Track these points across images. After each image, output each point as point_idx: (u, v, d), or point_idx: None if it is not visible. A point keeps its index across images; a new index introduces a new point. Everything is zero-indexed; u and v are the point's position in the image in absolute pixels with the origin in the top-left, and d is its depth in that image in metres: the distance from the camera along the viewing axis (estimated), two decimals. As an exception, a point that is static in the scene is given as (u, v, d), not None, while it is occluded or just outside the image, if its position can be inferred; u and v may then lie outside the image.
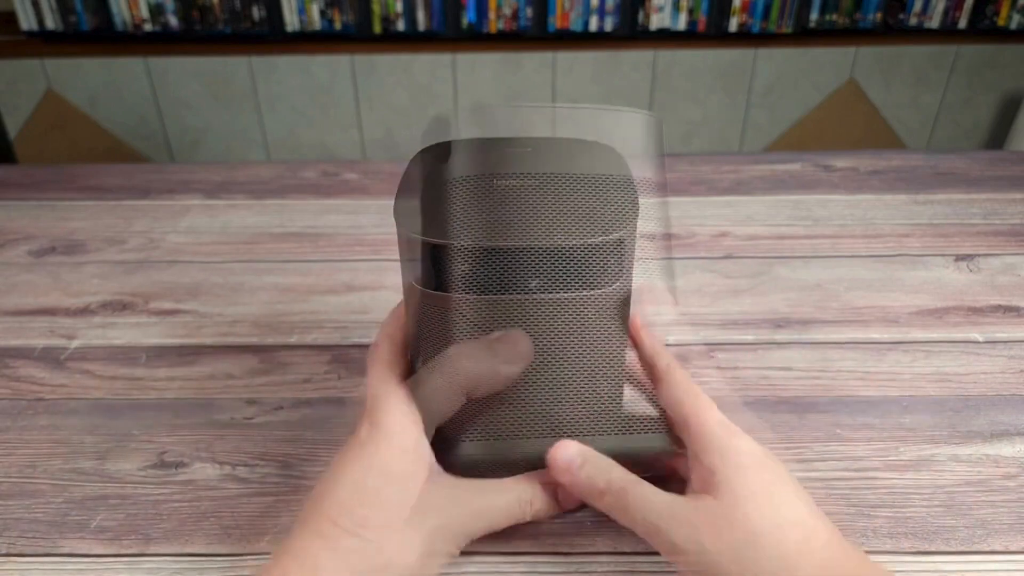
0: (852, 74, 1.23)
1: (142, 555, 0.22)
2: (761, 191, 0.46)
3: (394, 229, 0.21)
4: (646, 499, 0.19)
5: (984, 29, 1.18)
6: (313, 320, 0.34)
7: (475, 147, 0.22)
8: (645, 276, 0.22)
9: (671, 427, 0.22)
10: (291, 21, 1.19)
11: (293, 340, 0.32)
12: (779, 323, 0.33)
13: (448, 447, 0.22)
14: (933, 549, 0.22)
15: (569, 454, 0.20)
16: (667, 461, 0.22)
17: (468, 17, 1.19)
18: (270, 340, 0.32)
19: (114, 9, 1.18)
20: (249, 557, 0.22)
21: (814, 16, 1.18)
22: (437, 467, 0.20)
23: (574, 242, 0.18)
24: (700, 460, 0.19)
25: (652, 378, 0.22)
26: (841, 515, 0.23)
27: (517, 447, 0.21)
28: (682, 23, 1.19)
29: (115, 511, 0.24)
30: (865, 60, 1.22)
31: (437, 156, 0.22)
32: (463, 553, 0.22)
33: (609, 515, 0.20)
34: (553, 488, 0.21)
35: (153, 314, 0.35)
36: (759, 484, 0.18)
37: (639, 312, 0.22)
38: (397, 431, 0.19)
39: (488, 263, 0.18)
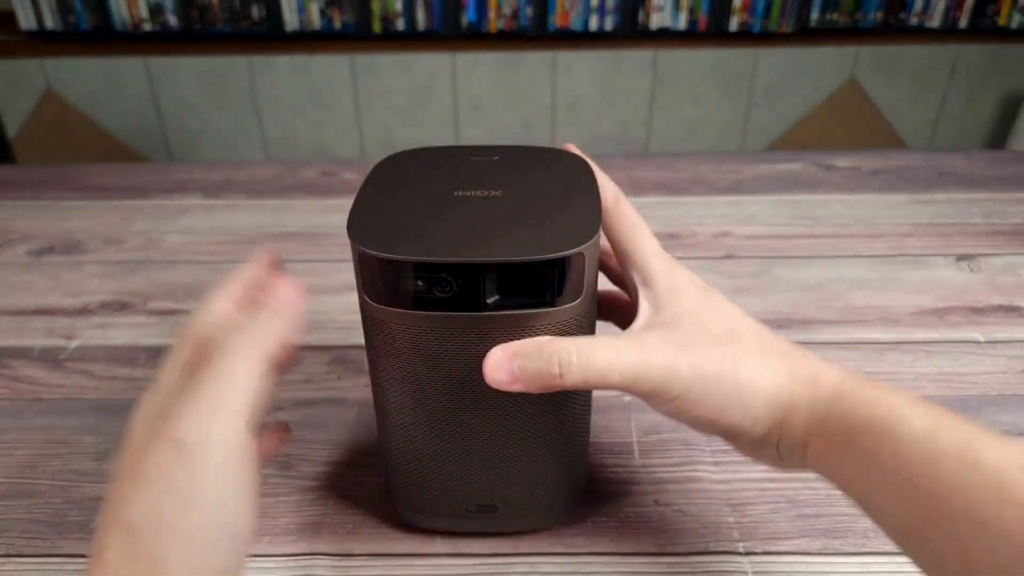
0: (853, 74, 1.23)
1: (141, 556, 0.22)
2: (762, 191, 0.46)
3: None
4: (612, 359, 0.17)
5: (985, 29, 1.18)
6: (313, 320, 0.34)
7: (436, 156, 0.22)
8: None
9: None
10: (290, 21, 1.19)
11: (293, 340, 0.32)
12: (780, 323, 0.33)
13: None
14: (934, 550, 0.22)
15: (500, 359, 0.17)
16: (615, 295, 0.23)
17: (468, 16, 1.18)
18: (270, 340, 0.32)
19: (113, 9, 1.17)
20: (249, 558, 0.22)
21: (815, 15, 1.18)
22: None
23: (533, 256, 0.17)
24: (642, 288, 0.20)
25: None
26: (842, 515, 0.23)
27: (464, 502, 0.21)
28: (682, 22, 1.19)
29: (114, 512, 0.24)
30: (866, 60, 1.22)
31: (397, 166, 0.21)
32: (461, 554, 0.22)
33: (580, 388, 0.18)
34: None
35: (152, 314, 0.34)
36: (695, 300, 0.19)
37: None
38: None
39: (442, 278, 0.17)
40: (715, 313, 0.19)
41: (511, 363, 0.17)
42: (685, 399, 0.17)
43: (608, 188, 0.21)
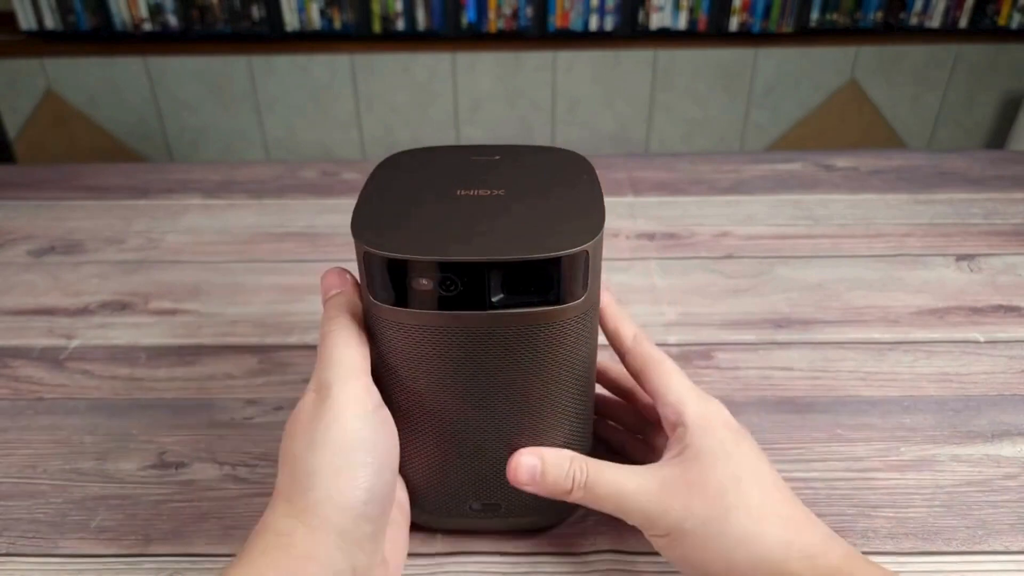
0: (853, 74, 1.23)
1: (142, 555, 0.22)
2: (762, 191, 0.46)
3: None
4: (614, 483, 0.19)
5: (985, 29, 1.18)
6: (313, 320, 0.34)
7: (437, 156, 0.22)
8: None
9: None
10: (290, 21, 1.19)
11: (293, 340, 0.32)
12: (780, 323, 0.33)
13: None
14: (934, 549, 0.22)
15: (529, 464, 0.20)
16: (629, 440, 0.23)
17: (468, 16, 1.18)
18: (270, 340, 0.32)
19: (113, 9, 1.17)
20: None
21: (815, 16, 1.18)
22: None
23: (538, 255, 0.17)
24: (676, 427, 0.20)
25: (618, 350, 0.22)
26: (842, 515, 0.23)
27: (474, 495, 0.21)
28: (682, 22, 1.19)
29: (115, 511, 0.24)
30: (866, 60, 1.22)
31: (399, 166, 0.21)
32: (462, 553, 0.22)
33: (583, 505, 0.20)
34: None
35: (153, 314, 0.34)
36: (720, 442, 0.19)
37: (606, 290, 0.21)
38: (351, 399, 0.18)
39: (447, 277, 0.17)
40: (735, 461, 0.19)
41: (536, 467, 0.19)
42: (672, 538, 0.18)
43: (628, 326, 0.22)
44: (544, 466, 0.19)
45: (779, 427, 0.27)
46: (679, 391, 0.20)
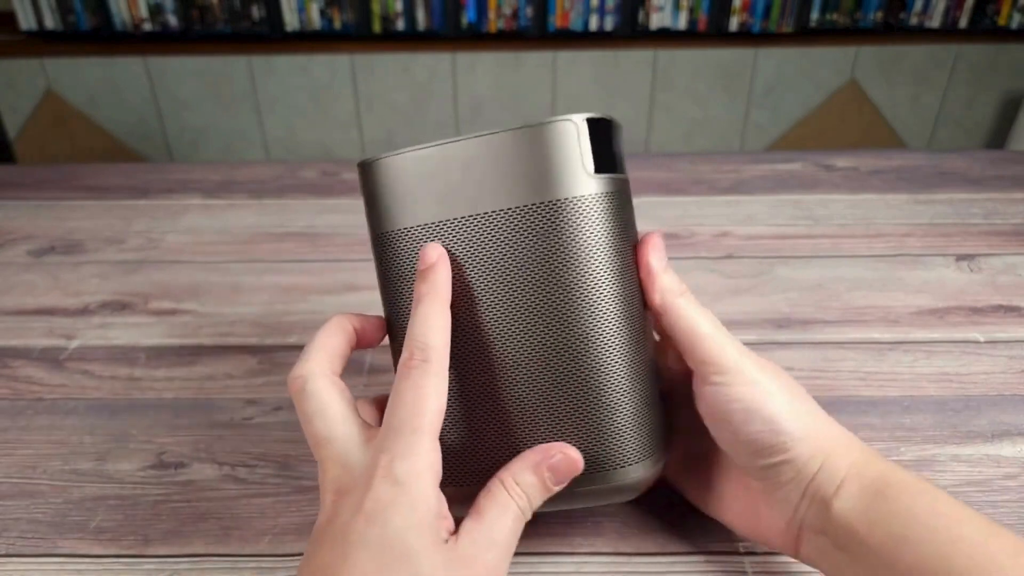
0: (853, 74, 1.23)
1: (141, 556, 0.22)
2: (762, 191, 0.46)
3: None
4: (683, 307, 0.19)
5: (985, 29, 1.18)
6: (313, 320, 0.34)
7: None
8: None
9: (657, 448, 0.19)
10: (290, 21, 1.19)
11: (293, 340, 0.32)
12: (780, 323, 0.33)
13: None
14: (934, 550, 0.22)
15: (658, 259, 0.19)
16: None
17: (468, 16, 1.18)
18: (270, 340, 0.32)
19: (113, 9, 1.17)
20: (249, 558, 0.22)
21: (815, 16, 1.18)
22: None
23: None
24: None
25: (654, 308, 0.19)
26: (842, 515, 0.23)
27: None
28: (682, 22, 1.19)
29: (114, 511, 0.24)
30: (866, 60, 1.22)
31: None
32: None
33: (669, 322, 0.19)
34: (540, 471, 0.18)
35: (152, 314, 0.34)
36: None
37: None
38: (421, 489, 0.16)
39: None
40: (793, 387, 0.20)
41: (663, 261, 0.19)
42: (756, 385, 0.18)
43: (656, 280, 0.19)
44: (650, 269, 0.19)
45: (779, 427, 0.27)
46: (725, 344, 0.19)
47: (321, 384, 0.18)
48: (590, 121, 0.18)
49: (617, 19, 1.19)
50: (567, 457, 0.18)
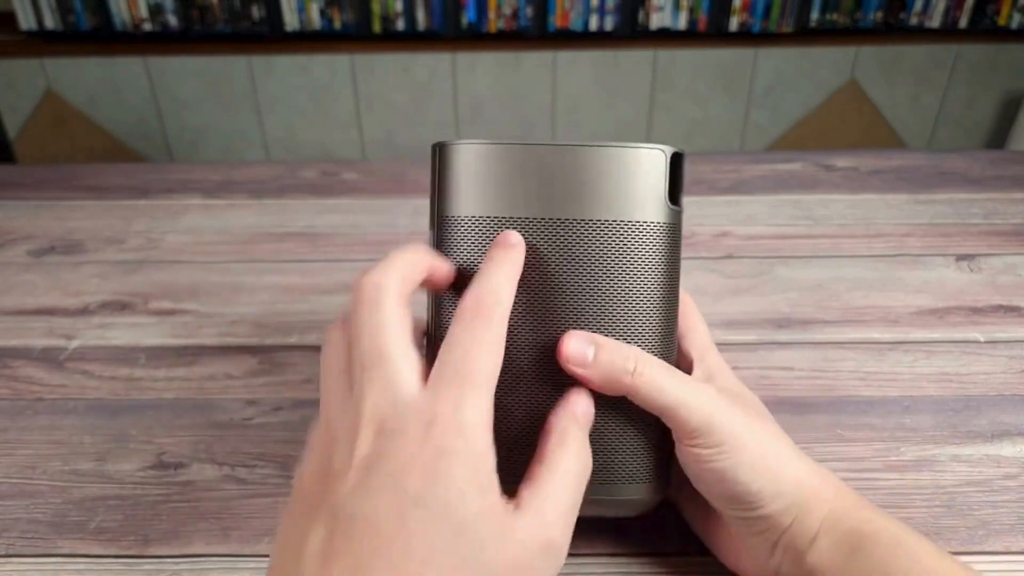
0: (853, 74, 1.23)
1: (141, 556, 0.22)
2: (762, 191, 0.46)
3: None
4: (665, 374, 0.18)
5: (985, 29, 1.18)
6: (313, 320, 0.34)
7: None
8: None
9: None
10: (290, 20, 1.19)
11: (293, 340, 0.32)
12: (780, 323, 0.33)
13: None
14: (934, 550, 0.22)
15: (580, 345, 0.18)
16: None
17: (468, 16, 1.18)
18: (270, 340, 0.32)
19: (113, 9, 1.17)
20: (249, 558, 0.22)
21: (815, 16, 1.18)
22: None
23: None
24: (698, 362, 0.21)
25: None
26: (842, 516, 0.23)
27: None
28: (682, 22, 1.19)
29: (114, 512, 0.24)
30: (866, 60, 1.22)
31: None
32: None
33: (630, 397, 0.18)
34: (584, 399, 0.18)
35: (152, 314, 0.34)
36: (736, 389, 0.21)
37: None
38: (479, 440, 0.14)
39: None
40: (755, 406, 0.20)
41: (589, 349, 0.18)
42: (724, 448, 0.18)
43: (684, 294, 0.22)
44: (597, 347, 0.18)
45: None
46: (704, 337, 0.21)
47: (395, 299, 0.16)
48: (674, 155, 0.19)
49: (617, 19, 1.19)
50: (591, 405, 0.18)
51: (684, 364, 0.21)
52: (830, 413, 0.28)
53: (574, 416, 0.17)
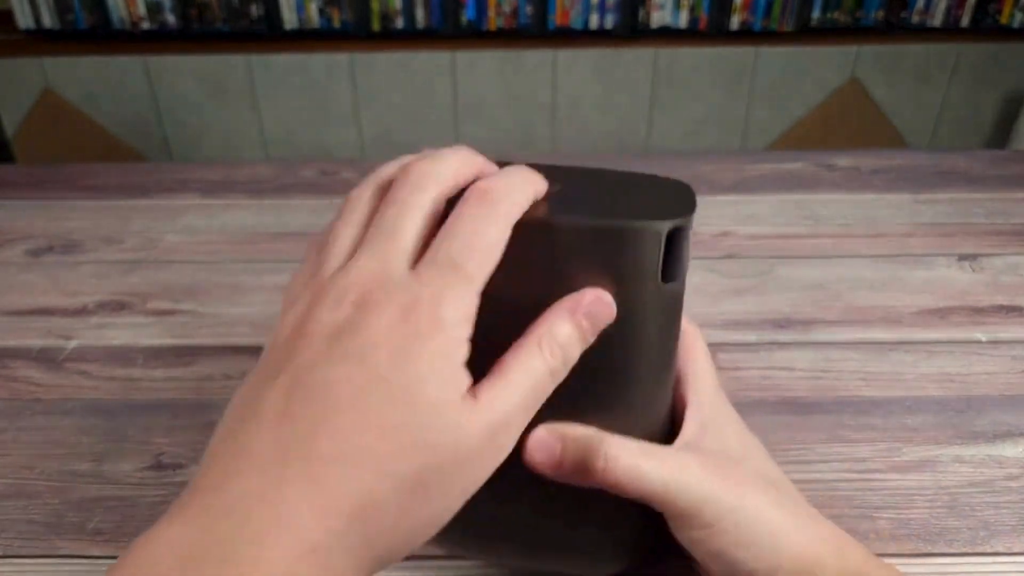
0: (854, 72, 1.23)
1: (139, 558, 0.22)
2: (763, 190, 0.46)
3: None
4: (641, 461, 0.17)
5: (987, 28, 1.18)
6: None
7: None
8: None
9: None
10: (289, 19, 1.19)
11: (292, 340, 0.32)
12: (781, 323, 0.33)
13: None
14: (936, 551, 0.22)
15: (546, 442, 0.16)
16: None
17: (467, 14, 1.18)
18: (268, 340, 0.32)
19: (111, 7, 1.17)
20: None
21: (816, 14, 1.18)
22: None
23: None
24: (693, 407, 0.19)
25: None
26: (844, 516, 0.23)
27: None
28: (683, 21, 1.19)
29: (112, 513, 0.24)
30: (867, 58, 1.22)
31: None
32: (460, 556, 0.22)
33: (608, 489, 0.17)
34: (577, 318, 0.16)
35: (150, 314, 0.34)
36: (737, 439, 0.19)
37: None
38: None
39: None
40: (754, 459, 0.19)
41: (556, 444, 0.16)
42: (716, 529, 0.17)
43: (690, 325, 0.21)
44: (563, 444, 0.16)
45: (780, 428, 0.27)
46: (705, 376, 0.20)
47: (437, 193, 0.15)
48: (673, 230, 0.16)
49: (617, 17, 1.18)
50: (600, 300, 0.15)
51: (678, 411, 0.19)
52: (832, 414, 0.28)
53: (550, 323, 0.15)
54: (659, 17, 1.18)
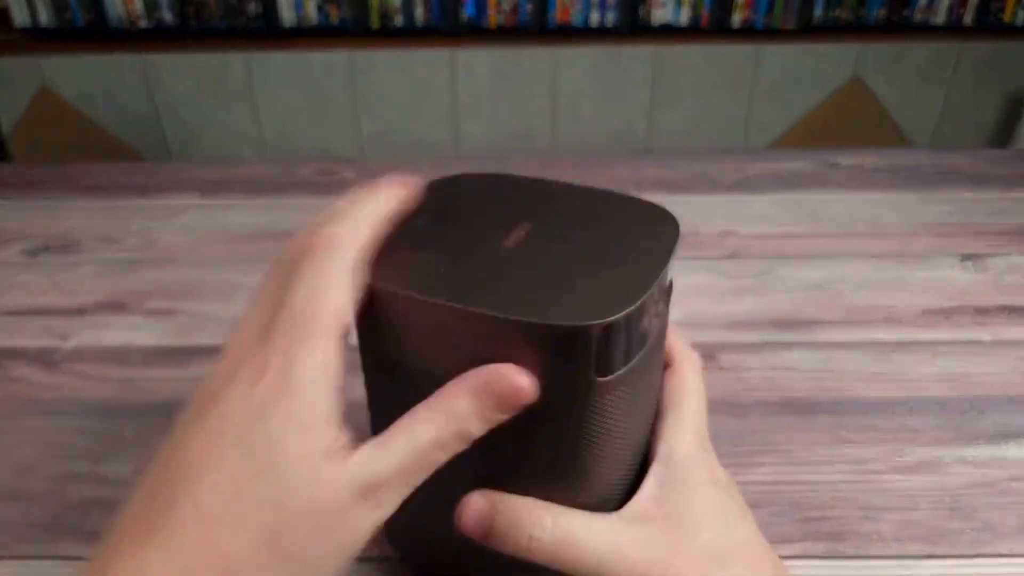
0: (856, 71, 1.22)
1: (137, 560, 0.22)
2: (765, 189, 0.46)
3: None
4: (585, 542, 0.16)
5: (990, 26, 1.17)
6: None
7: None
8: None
9: None
10: (287, 17, 1.19)
11: (290, 340, 0.32)
12: (783, 323, 0.33)
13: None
14: (939, 552, 0.22)
15: (479, 508, 0.16)
16: None
17: (467, 12, 1.18)
18: (267, 340, 0.32)
19: (108, 5, 1.17)
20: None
21: (818, 12, 1.17)
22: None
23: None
24: (658, 461, 0.18)
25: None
26: (847, 518, 0.23)
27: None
28: (684, 18, 1.18)
29: (109, 514, 0.23)
30: (870, 57, 1.21)
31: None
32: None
33: (544, 564, 0.16)
34: (481, 396, 0.15)
35: (148, 314, 0.34)
36: (705, 502, 0.17)
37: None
38: (308, 391, 0.14)
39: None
40: (719, 528, 0.17)
41: (489, 512, 0.16)
42: None
43: (690, 356, 0.19)
44: (495, 512, 0.16)
45: (782, 428, 0.27)
46: (682, 424, 0.18)
47: (349, 264, 0.15)
48: (608, 326, 0.14)
49: (618, 14, 1.18)
50: (504, 377, 0.15)
51: (650, 456, 0.18)
52: (834, 414, 0.27)
53: (450, 394, 0.15)
54: (660, 15, 1.18)
